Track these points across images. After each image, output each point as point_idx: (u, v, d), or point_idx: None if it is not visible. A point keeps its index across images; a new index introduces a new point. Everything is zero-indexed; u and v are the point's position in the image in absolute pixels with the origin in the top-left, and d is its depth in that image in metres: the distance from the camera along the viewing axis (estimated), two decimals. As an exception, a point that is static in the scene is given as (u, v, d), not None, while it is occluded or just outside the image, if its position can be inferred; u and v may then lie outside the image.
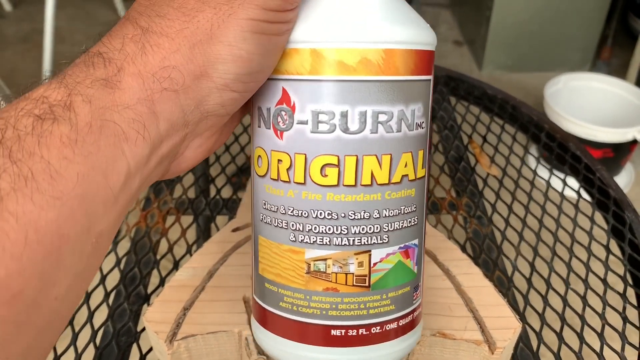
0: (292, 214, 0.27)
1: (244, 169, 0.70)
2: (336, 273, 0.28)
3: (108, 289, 0.44)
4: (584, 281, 0.46)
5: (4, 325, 0.18)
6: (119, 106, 0.22)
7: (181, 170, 0.27)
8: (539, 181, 0.57)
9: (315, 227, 0.27)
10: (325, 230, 0.27)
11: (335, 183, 0.27)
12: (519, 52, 1.85)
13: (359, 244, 0.27)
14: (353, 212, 0.27)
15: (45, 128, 0.20)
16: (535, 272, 0.47)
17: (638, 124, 1.31)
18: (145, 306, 0.42)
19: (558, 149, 0.60)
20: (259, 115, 0.28)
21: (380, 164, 0.27)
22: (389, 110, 0.26)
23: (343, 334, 0.28)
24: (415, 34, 0.27)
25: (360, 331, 0.28)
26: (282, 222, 0.28)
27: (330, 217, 0.27)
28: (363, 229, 0.27)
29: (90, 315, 0.42)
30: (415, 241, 0.29)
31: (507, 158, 0.59)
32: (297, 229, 0.27)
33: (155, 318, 0.36)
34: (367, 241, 0.27)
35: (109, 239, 0.23)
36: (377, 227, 0.27)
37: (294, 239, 0.28)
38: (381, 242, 0.28)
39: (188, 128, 0.25)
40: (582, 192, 0.56)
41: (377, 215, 0.27)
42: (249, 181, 0.52)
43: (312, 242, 0.27)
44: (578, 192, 0.55)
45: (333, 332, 0.28)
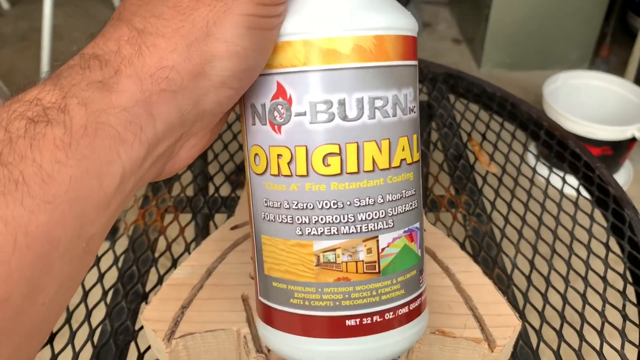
0: (296, 207, 0.27)
1: (243, 167, 0.70)
2: (346, 262, 0.28)
3: (106, 287, 0.44)
4: (584, 279, 0.46)
5: None
6: (115, 108, 0.21)
7: (175, 170, 0.27)
8: (538, 179, 0.57)
9: (321, 218, 0.27)
10: (332, 220, 0.27)
11: (339, 172, 0.27)
12: (517, 50, 1.85)
13: (367, 230, 0.28)
14: (358, 199, 0.27)
15: (38, 131, 0.19)
16: (535, 269, 0.47)
17: (637, 122, 1.31)
18: (143, 304, 0.42)
19: (557, 147, 0.60)
20: (253, 112, 0.28)
21: (380, 149, 0.27)
22: (384, 96, 0.27)
23: (358, 323, 0.28)
24: (402, 20, 0.28)
25: (374, 318, 0.28)
26: (286, 217, 0.28)
27: (336, 206, 0.27)
28: (369, 215, 0.27)
29: (88, 313, 0.42)
30: (417, 224, 0.30)
31: (507, 156, 0.59)
32: (303, 222, 0.27)
33: (153, 316, 0.36)
34: (374, 227, 0.28)
35: (99, 242, 0.22)
36: (382, 212, 0.28)
37: (300, 232, 0.28)
38: (387, 227, 0.28)
39: (184, 128, 0.25)
40: (582, 189, 0.56)
41: (382, 201, 0.28)
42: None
43: (319, 233, 0.27)
44: (577, 190, 0.55)
45: (348, 322, 0.28)
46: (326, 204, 0.27)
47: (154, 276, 0.45)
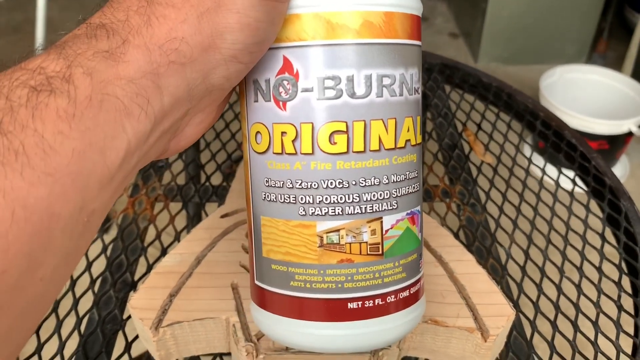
0: (300, 186, 0.27)
1: (236, 159, 0.69)
2: (350, 243, 0.27)
3: (94, 275, 0.43)
4: (579, 270, 0.46)
5: None
6: (122, 80, 0.21)
7: (180, 148, 0.26)
8: (533, 169, 0.56)
9: (326, 197, 0.27)
10: (337, 200, 0.27)
11: (345, 150, 0.26)
12: (514, 45, 1.84)
13: (371, 211, 0.27)
14: (364, 179, 0.27)
15: (40, 100, 0.19)
16: (530, 260, 0.46)
17: (633, 116, 1.30)
18: (131, 293, 0.41)
19: (553, 137, 0.59)
20: (256, 88, 0.27)
21: (387, 128, 0.27)
22: (391, 74, 0.26)
23: (360, 305, 0.28)
24: (412, 0, 0.27)
25: (376, 301, 0.28)
26: (289, 197, 0.27)
27: (341, 185, 0.26)
28: (374, 195, 0.27)
29: (75, 302, 0.41)
30: (419, 207, 0.29)
31: (502, 146, 0.58)
32: (307, 201, 0.27)
33: (140, 305, 0.36)
34: (379, 208, 0.27)
35: (101, 218, 0.22)
36: (387, 193, 0.27)
37: (303, 212, 0.27)
38: (391, 208, 0.27)
39: (192, 103, 0.24)
40: (578, 180, 0.55)
41: (387, 181, 0.27)
42: (239, 167, 0.51)
43: (323, 213, 0.27)
44: (573, 181, 0.55)
45: (350, 305, 0.27)
46: (331, 183, 0.26)
47: (143, 266, 0.44)
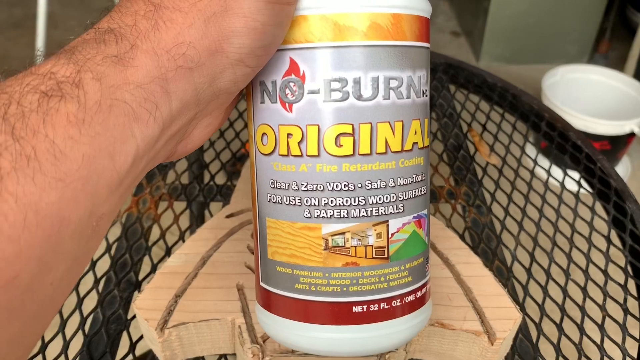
0: (305, 189, 0.27)
1: (240, 157, 0.69)
2: (355, 246, 0.27)
3: (98, 275, 0.43)
4: (584, 272, 0.45)
5: None
6: (130, 85, 0.21)
7: (188, 151, 0.26)
8: (539, 171, 0.56)
9: (332, 200, 0.26)
10: (342, 202, 0.26)
11: (351, 153, 0.26)
12: (516, 44, 1.84)
13: (377, 214, 0.27)
14: (370, 182, 0.26)
15: (51, 106, 0.19)
16: (535, 262, 0.46)
17: (635, 117, 1.30)
18: (136, 293, 0.41)
19: (559, 139, 0.59)
20: (262, 90, 0.27)
21: (394, 130, 0.26)
22: (399, 76, 0.26)
23: (365, 309, 0.27)
24: (420, 2, 0.27)
25: (381, 305, 0.28)
26: (294, 199, 0.27)
27: (347, 188, 0.26)
28: (380, 198, 0.27)
29: (80, 302, 0.41)
30: (425, 211, 0.29)
31: (507, 147, 0.58)
32: (312, 204, 0.27)
33: (145, 305, 0.35)
34: (385, 211, 0.27)
35: (109, 222, 0.22)
36: (393, 197, 0.27)
37: (309, 215, 0.27)
38: (397, 211, 0.27)
39: (199, 107, 0.24)
40: (583, 182, 0.55)
41: (393, 184, 0.27)
42: (244, 167, 0.51)
43: (329, 216, 0.27)
44: (579, 182, 0.55)
45: (355, 308, 0.27)
46: (337, 185, 0.26)
47: (147, 265, 0.44)
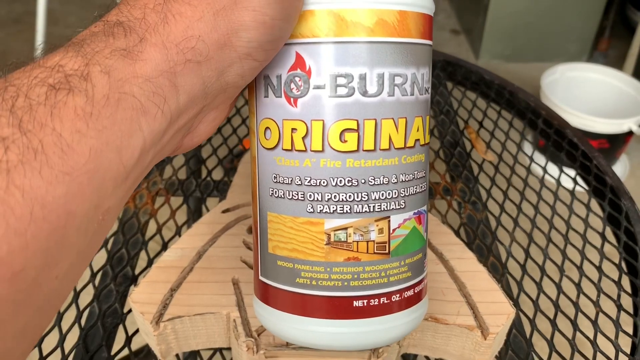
0: (309, 184, 0.27)
1: (237, 153, 0.69)
2: (357, 242, 0.27)
3: (94, 269, 0.43)
4: (579, 268, 0.46)
5: (2, 304, 0.17)
6: (139, 78, 0.21)
7: (194, 144, 0.26)
8: (535, 168, 0.56)
9: (335, 195, 0.27)
10: (345, 198, 0.27)
11: (355, 148, 0.26)
12: (516, 42, 1.84)
13: (379, 210, 0.27)
14: (373, 178, 0.27)
15: (59, 99, 0.19)
16: (530, 258, 0.46)
17: (634, 115, 1.30)
18: (132, 287, 0.41)
19: (555, 136, 0.59)
20: (267, 84, 0.27)
21: (397, 127, 0.27)
22: (403, 73, 0.26)
23: (365, 304, 0.28)
24: (425, 0, 0.27)
25: (381, 300, 0.28)
26: (297, 194, 0.27)
27: (350, 184, 0.26)
28: (382, 194, 0.27)
29: (76, 295, 0.41)
30: (425, 207, 0.30)
31: (504, 144, 0.58)
32: (316, 199, 0.27)
33: (141, 299, 0.36)
34: (387, 207, 0.27)
35: (115, 215, 0.22)
36: (395, 193, 0.27)
37: (311, 210, 0.27)
38: (399, 207, 0.28)
39: (207, 100, 0.24)
40: (579, 179, 0.55)
41: (395, 180, 0.27)
42: (241, 162, 0.51)
43: (332, 211, 0.27)
44: (574, 180, 0.55)
45: (355, 303, 0.28)
46: (340, 181, 0.26)
47: (144, 260, 0.44)
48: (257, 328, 0.34)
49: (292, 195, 0.27)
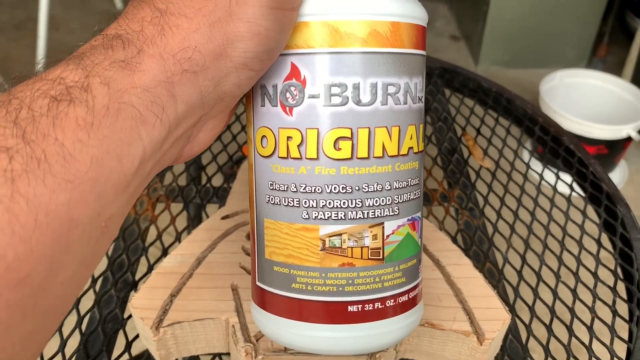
0: (304, 191, 0.27)
1: (237, 159, 0.70)
2: (352, 247, 0.28)
3: (95, 275, 0.44)
4: (575, 275, 0.46)
5: (9, 310, 0.17)
6: (137, 88, 0.21)
7: (194, 154, 0.27)
8: (532, 174, 0.57)
9: (329, 202, 0.27)
10: (340, 204, 0.27)
11: (349, 156, 0.27)
12: (515, 48, 1.85)
13: (373, 216, 0.28)
14: (367, 185, 0.27)
15: (60, 110, 0.19)
16: (526, 264, 0.47)
17: (632, 122, 1.31)
18: (132, 292, 0.42)
19: (552, 143, 0.60)
20: (263, 93, 0.28)
21: (390, 135, 0.27)
22: (397, 82, 0.27)
23: (360, 309, 0.28)
24: (417, 9, 0.28)
25: (376, 305, 0.28)
26: (293, 201, 0.28)
27: (344, 191, 0.27)
28: (376, 201, 0.27)
29: (77, 301, 0.42)
30: (419, 213, 0.30)
31: (501, 151, 0.59)
32: (311, 205, 0.27)
33: (141, 304, 0.36)
34: (381, 213, 0.28)
35: (119, 223, 0.22)
36: (389, 199, 0.28)
37: (307, 216, 0.27)
38: (393, 214, 0.28)
39: (204, 109, 0.25)
40: (575, 186, 0.56)
41: (389, 187, 0.28)
42: (240, 169, 0.52)
43: (326, 217, 0.27)
44: (571, 186, 0.55)
45: (350, 308, 0.28)
46: (335, 188, 0.27)
47: (144, 266, 0.45)
48: (255, 333, 0.35)
49: (288, 202, 0.28)
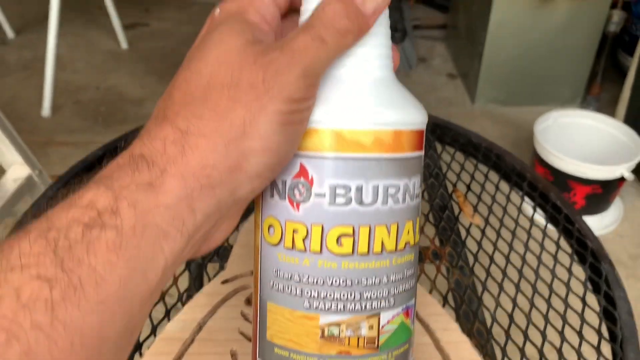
0: (307, 281, 0.29)
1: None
2: (349, 337, 0.29)
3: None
4: (561, 334, 0.48)
5: None
6: (161, 207, 0.23)
7: (210, 249, 0.28)
8: (520, 231, 0.59)
9: (330, 294, 0.29)
10: (340, 296, 0.29)
11: (350, 252, 0.28)
12: (511, 87, 1.89)
13: (371, 308, 0.29)
14: (366, 279, 0.29)
15: (93, 235, 0.21)
16: (514, 323, 0.48)
17: (625, 162, 1.33)
18: (137, 355, 0.44)
19: (539, 199, 0.62)
20: (273, 186, 0.30)
21: (389, 232, 0.29)
22: (397, 184, 0.29)
23: None
24: (417, 116, 0.30)
25: None
26: (296, 290, 0.29)
27: (345, 284, 0.29)
28: (374, 294, 0.29)
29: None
30: (413, 301, 0.32)
31: (490, 207, 0.61)
32: (312, 296, 0.29)
33: (145, 372, 0.38)
34: (377, 305, 0.29)
35: (142, 326, 0.24)
36: (385, 292, 0.30)
37: (308, 305, 0.29)
38: (389, 305, 0.30)
39: (221, 214, 0.26)
40: (563, 242, 0.58)
41: (386, 280, 0.29)
42: (240, 231, 0.54)
43: (326, 308, 0.29)
44: (557, 243, 0.57)
45: None
46: (336, 280, 0.29)
47: (147, 327, 0.47)
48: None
49: (291, 290, 0.29)
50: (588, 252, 0.55)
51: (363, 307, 0.29)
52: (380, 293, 0.29)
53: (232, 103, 0.25)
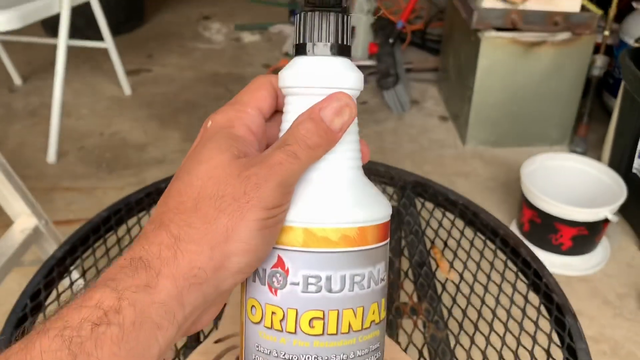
0: (283, 357, 0.33)
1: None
2: None
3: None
4: (525, 385, 0.52)
5: None
6: (156, 304, 0.28)
7: (199, 330, 0.33)
8: (492, 286, 0.64)
9: None
10: None
11: (321, 332, 0.33)
12: (500, 129, 1.95)
13: None
14: (335, 355, 0.33)
15: (100, 331, 0.26)
16: (483, 376, 0.53)
17: (609, 204, 1.38)
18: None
19: (511, 255, 0.67)
20: (255, 272, 0.34)
21: (356, 314, 0.34)
22: (362, 272, 0.34)
23: None
24: (381, 212, 0.35)
25: None
26: None
27: None
28: None
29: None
30: None
31: (465, 263, 0.66)
32: None
33: None
34: None
35: None
36: None
37: None
38: None
39: (207, 304, 0.31)
40: (532, 297, 0.62)
41: (353, 356, 0.34)
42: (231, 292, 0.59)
43: None
44: (525, 298, 0.62)
45: None
46: (308, 357, 0.33)
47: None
48: None
49: None
50: (554, 306, 0.60)
51: None
52: None
53: (218, 213, 0.30)
